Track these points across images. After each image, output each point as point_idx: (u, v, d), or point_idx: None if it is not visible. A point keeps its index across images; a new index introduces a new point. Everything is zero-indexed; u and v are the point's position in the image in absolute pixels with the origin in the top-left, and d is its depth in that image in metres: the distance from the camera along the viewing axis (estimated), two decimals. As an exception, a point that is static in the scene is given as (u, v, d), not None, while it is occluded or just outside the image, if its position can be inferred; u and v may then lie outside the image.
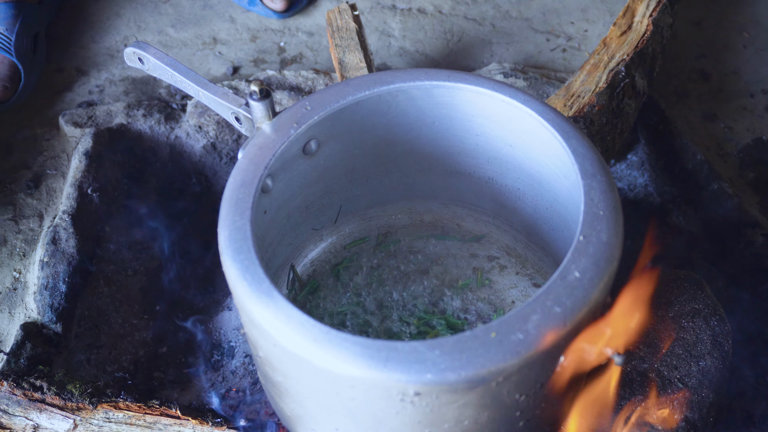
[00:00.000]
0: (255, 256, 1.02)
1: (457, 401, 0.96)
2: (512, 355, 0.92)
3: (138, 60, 1.29)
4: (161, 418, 1.30)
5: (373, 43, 2.11)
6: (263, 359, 1.09)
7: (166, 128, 1.84)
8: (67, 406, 1.30)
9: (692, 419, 1.26)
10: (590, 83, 1.64)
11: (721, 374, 1.31)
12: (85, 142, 1.75)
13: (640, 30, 1.74)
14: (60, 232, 1.61)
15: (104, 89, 1.98)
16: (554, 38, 2.15)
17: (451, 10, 2.22)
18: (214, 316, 1.59)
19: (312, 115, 1.19)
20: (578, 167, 1.08)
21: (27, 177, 1.79)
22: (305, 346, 0.94)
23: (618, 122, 1.66)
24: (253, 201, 1.08)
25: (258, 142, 1.16)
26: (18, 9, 1.96)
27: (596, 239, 1.00)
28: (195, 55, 2.09)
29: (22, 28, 1.95)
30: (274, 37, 2.15)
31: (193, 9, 2.22)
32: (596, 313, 0.99)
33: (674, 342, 1.32)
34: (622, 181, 1.87)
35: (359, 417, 1.03)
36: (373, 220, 1.49)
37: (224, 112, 1.25)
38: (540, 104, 1.17)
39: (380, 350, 0.92)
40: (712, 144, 1.90)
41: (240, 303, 1.02)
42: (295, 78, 1.94)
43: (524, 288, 1.40)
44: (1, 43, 1.91)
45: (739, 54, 2.11)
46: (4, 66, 1.90)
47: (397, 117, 1.28)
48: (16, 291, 1.60)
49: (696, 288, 1.39)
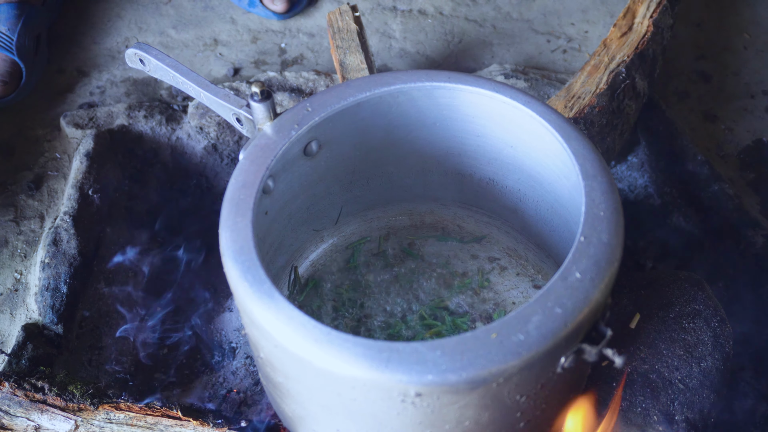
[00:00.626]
0: (256, 257, 1.02)
1: (458, 402, 0.96)
2: (513, 356, 0.92)
3: (139, 61, 1.29)
4: (162, 419, 1.30)
5: (374, 45, 2.11)
6: (264, 360, 1.09)
7: (168, 129, 1.84)
8: (69, 407, 1.31)
9: (693, 420, 1.26)
10: (591, 84, 1.65)
11: (722, 375, 1.31)
12: (86, 144, 1.75)
13: (640, 31, 1.75)
14: (61, 233, 1.61)
15: (105, 90, 1.98)
16: (555, 39, 2.15)
17: (451, 12, 2.22)
18: (215, 317, 1.59)
19: (313, 116, 1.19)
20: (579, 168, 1.08)
21: (28, 178, 1.79)
22: (306, 347, 0.94)
23: (618, 123, 1.66)
24: (254, 202, 1.08)
25: (259, 143, 1.16)
26: (21, 9, 1.97)
27: (597, 240, 1.01)
28: (196, 57, 2.10)
29: (24, 28, 1.96)
30: (275, 38, 2.15)
31: (194, 10, 2.23)
32: (597, 314, 0.99)
33: (675, 343, 1.32)
34: (622, 182, 1.87)
35: (360, 418, 1.03)
36: (374, 222, 1.49)
37: (225, 114, 1.25)
38: (541, 105, 1.17)
39: (381, 351, 0.92)
40: (712, 145, 1.90)
41: (241, 304, 1.03)
42: (296, 79, 1.94)
43: (525, 289, 1.40)
44: (2, 43, 1.92)
45: (739, 55, 2.11)
46: (6, 64, 1.92)
47: (398, 118, 1.28)
48: (17, 292, 1.60)
49: (697, 289, 1.39)
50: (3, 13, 1.96)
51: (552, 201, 1.29)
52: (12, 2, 1.97)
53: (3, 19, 1.95)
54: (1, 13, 1.96)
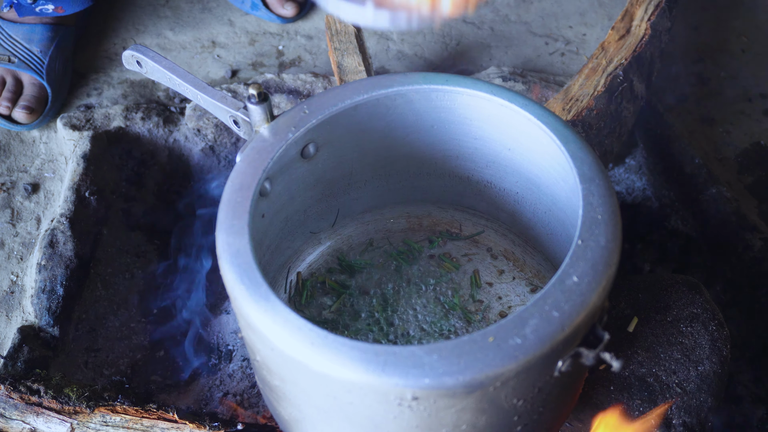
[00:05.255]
0: (253, 260, 1.02)
1: (455, 406, 0.95)
2: (510, 360, 0.92)
3: (136, 63, 1.29)
4: (158, 422, 1.29)
5: (371, 47, 2.11)
6: (261, 363, 1.09)
7: (165, 131, 1.84)
8: (64, 410, 1.30)
9: (691, 424, 1.26)
10: (588, 87, 1.65)
11: (719, 379, 1.31)
12: (83, 145, 1.75)
13: (638, 34, 1.75)
14: (58, 235, 1.60)
15: (102, 92, 1.98)
16: (553, 42, 2.15)
17: (449, 14, 2.22)
18: (212, 319, 1.59)
19: (310, 118, 1.19)
20: (577, 171, 1.08)
21: (25, 180, 1.79)
22: (303, 350, 0.94)
23: (616, 126, 1.66)
24: (251, 205, 1.08)
25: (256, 145, 1.16)
26: (55, 32, 1.92)
27: (595, 243, 1.00)
28: (193, 59, 2.09)
29: (56, 51, 1.91)
30: (272, 40, 2.15)
31: (192, 12, 2.22)
32: (594, 317, 0.99)
33: (673, 346, 1.32)
34: (620, 185, 1.87)
35: (357, 421, 1.03)
36: (372, 224, 1.49)
37: (222, 116, 1.24)
38: (538, 108, 1.17)
39: (378, 355, 0.92)
40: (710, 148, 1.90)
41: (238, 307, 1.02)
42: (293, 81, 1.94)
43: (522, 292, 1.40)
44: (34, 65, 1.87)
45: (737, 58, 2.11)
46: (35, 88, 1.86)
47: (396, 121, 1.28)
48: (13, 294, 1.60)
49: (694, 292, 1.39)
50: (37, 34, 1.90)
51: (549, 204, 1.29)
52: (48, 24, 1.92)
53: (36, 41, 1.89)
54: (36, 34, 1.90)
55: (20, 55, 1.87)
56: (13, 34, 1.90)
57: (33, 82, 1.87)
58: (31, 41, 1.90)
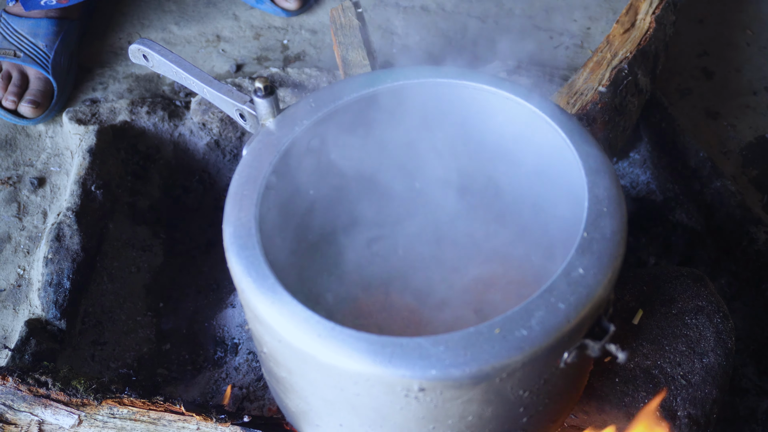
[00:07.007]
0: (260, 253, 1.02)
1: (461, 397, 0.96)
2: (516, 351, 0.92)
3: (143, 57, 1.29)
4: (165, 414, 1.30)
5: (376, 41, 2.11)
6: (268, 355, 1.09)
7: (170, 125, 1.84)
8: (72, 402, 1.31)
9: (695, 416, 1.27)
10: (593, 81, 1.65)
11: (724, 371, 1.31)
12: (88, 139, 1.75)
13: (643, 27, 1.75)
14: (64, 229, 1.61)
15: (108, 86, 1.98)
16: (557, 36, 2.15)
17: (454, 8, 2.22)
18: (218, 313, 1.60)
19: (317, 111, 1.19)
20: (582, 164, 1.08)
21: (31, 174, 1.80)
22: (310, 342, 0.95)
23: (621, 120, 1.66)
24: (258, 197, 1.08)
25: (263, 138, 1.16)
26: (60, 26, 1.92)
27: (600, 236, 1.01)
28: (198, 53, 2.10)
29: (61, 45, 1.91)
30: (277, 34, 2.15)
31: (197, 6, 2.23)
32: (600, 309, 0.99)
33: (677, 339, 1.32)
34: (624, 178, 1.87)
35: (363, 412, 1.03)
36: (377, 217, 1.49)
37: (229, 109, 1.25)
38: (544, 101, 1.17)
39: (385, 346, 0.92)
40: (714, 142, 1.90)
41: (245, 299, 1.03)
42: (298, 75, 1.94)
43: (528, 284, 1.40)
44: (40, 59, 1.87)
45: (742, 51, 2.11)
46: (41, 82, 1.86)
47: (400, 114, 1.28)
48: (20, 288, 1.61)
49: (699, 285, 1.39)
50: (42, 28, 1.90)
51: (555, 197, 1.29)
52: (53, 18, 1.92)
53: (42, 35, 1.90)
54: (41, 28, 1.90)
55: (26, 50, 1.87)
56: (18, 28, 1.91)
57: (38, 76, 1.87)
58: (37, 35, 1.90)
